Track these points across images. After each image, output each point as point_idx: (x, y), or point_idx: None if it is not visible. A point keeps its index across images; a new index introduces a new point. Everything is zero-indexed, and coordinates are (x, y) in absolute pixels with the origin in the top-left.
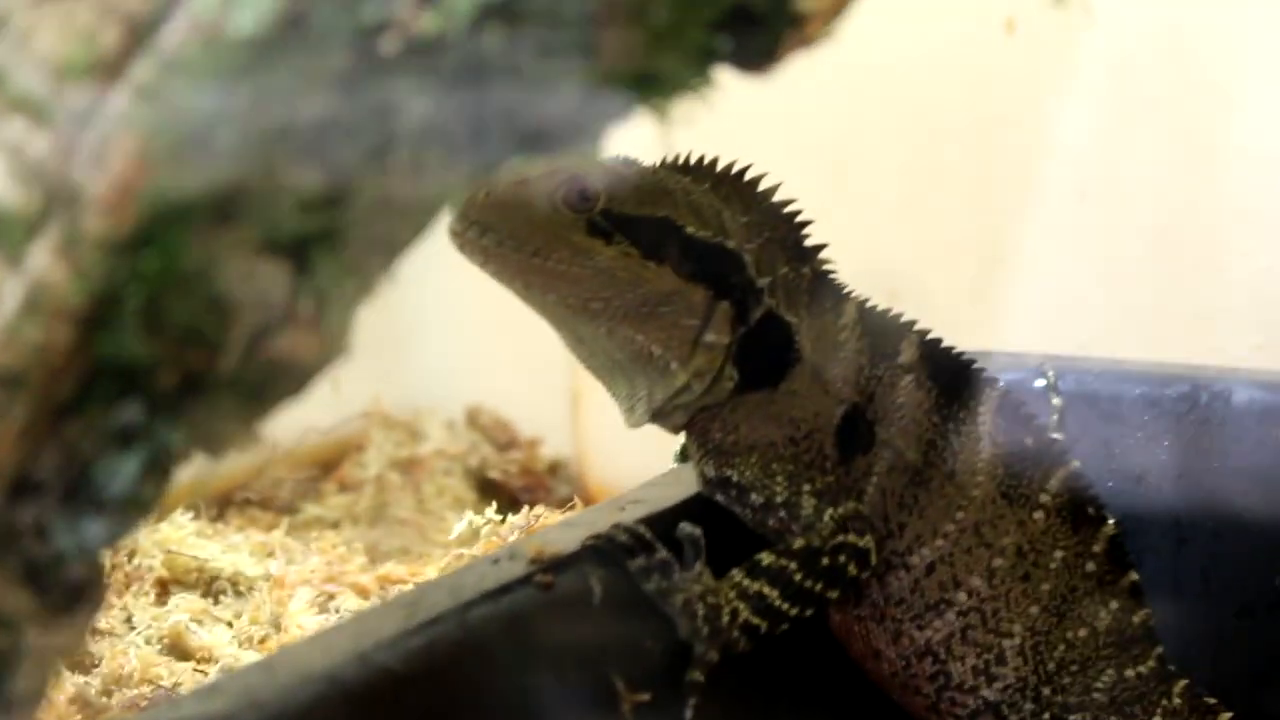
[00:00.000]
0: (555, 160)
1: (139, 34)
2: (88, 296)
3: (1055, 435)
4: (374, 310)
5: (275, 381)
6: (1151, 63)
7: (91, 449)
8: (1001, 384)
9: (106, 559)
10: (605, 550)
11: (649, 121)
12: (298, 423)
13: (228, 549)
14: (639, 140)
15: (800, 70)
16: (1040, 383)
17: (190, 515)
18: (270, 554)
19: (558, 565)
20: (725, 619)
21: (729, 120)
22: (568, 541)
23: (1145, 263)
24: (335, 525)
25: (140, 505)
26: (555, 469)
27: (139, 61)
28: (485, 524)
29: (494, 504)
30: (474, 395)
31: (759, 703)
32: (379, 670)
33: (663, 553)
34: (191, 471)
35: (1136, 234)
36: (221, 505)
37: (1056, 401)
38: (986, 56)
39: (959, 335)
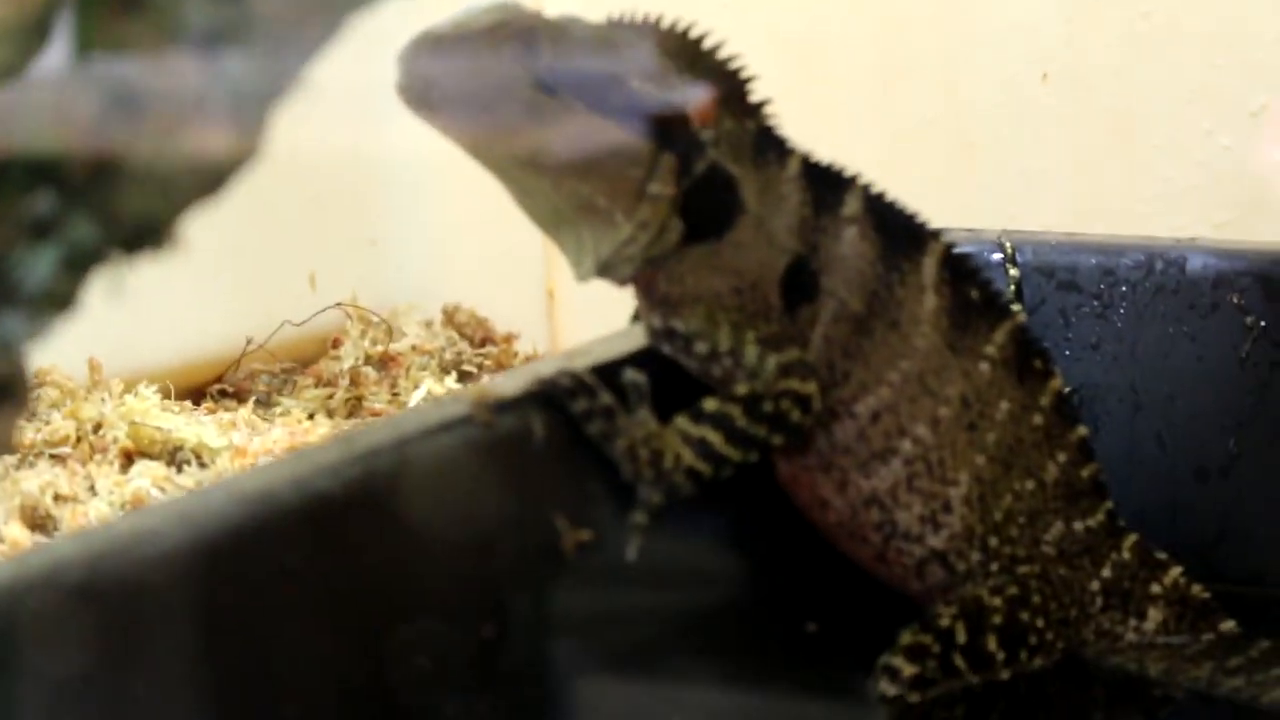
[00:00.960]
0: (496, 13)
1: None
2: None
3: (1014, 306)
4: (349, 209)
5: (188, 175)
6: None
7: (4, 244)
8: (945, 238)
9: (24, 360)
10: (549, 394)
11: None
12: (274, 317)
13: (193, 422)
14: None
15: None
16: (997, 255)
17: (154, 389)
18: (235, 426)
19: (500, 407)
20: (669, 463)
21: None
22: (513, 387)
23: (1109, 143)
24: (310, 417)
25: (57, 300)
26: (532, 361)
27: None
28: (445, 391)
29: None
30: (451, 294)
31: (704, 547)
32: (314, 494)
33: (606, 397)
34: (165, 359)
35: (1099, 115)
36: (196, 396)
37: (1014, 272)
38: None
39: (930, 219)
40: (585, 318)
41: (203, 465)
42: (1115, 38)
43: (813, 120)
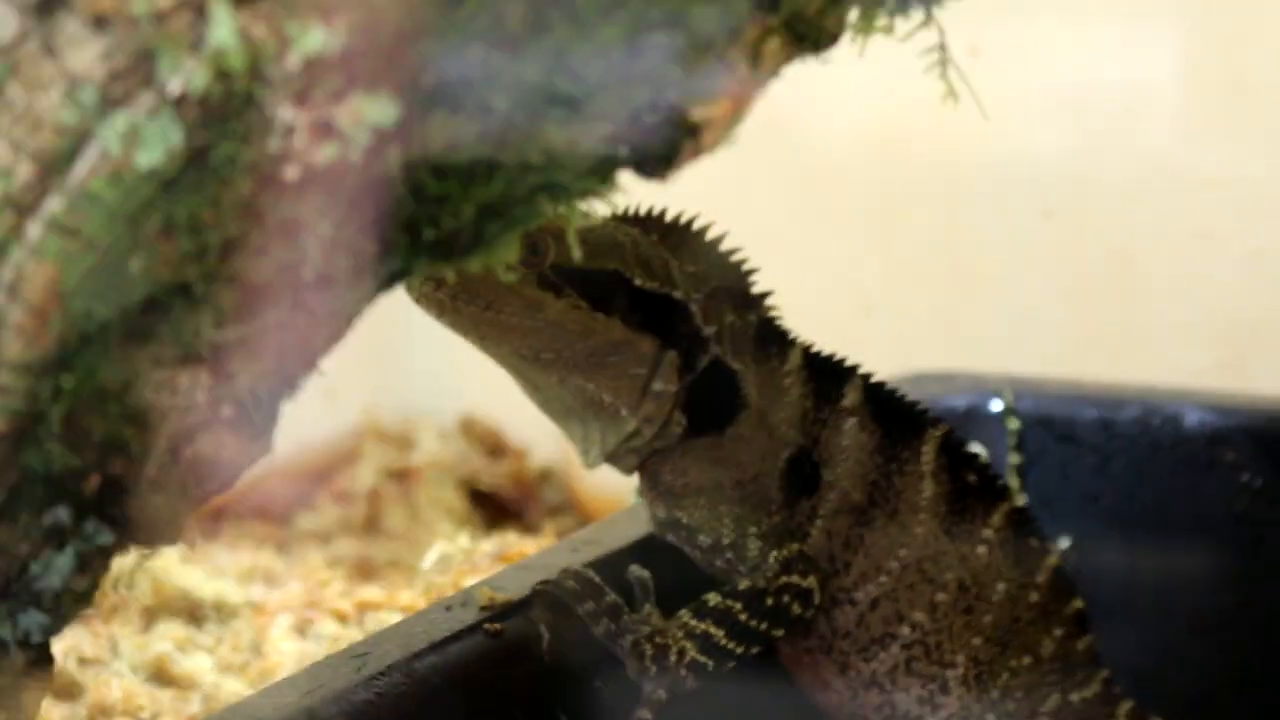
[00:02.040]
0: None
1: (50, 169)
2: (11, 415)
3: (1011, 458)
4: (368, 321)
5: (201, 479)
6: (1112, 83)
7: (27, 550)
8: (944, 424)
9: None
10: (554, 595)
11: None
12: (293, 434)
13: (212, 574)
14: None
15: (776, 96)
16: (997, 406)
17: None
18: (255, 580)
19: (507, 612)
20: (673, 659)
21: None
22: (519, 586)
23: (1109, 281)
24: (328, 538)
25: (76, 597)
26: (546, 476)
27: (51, 196)
28: (456, 551)
29: (482, 517)
30: (467, 404)
31: None
32: None
33: (611, 596)
34: None
35: (1100, 253)
36: (216, 517)
37: (1014, 424)
38: (954, 78)
39: (928, 352)
40: None
41: (221, 620)
42: (1116, 177)
43: (818, 252)
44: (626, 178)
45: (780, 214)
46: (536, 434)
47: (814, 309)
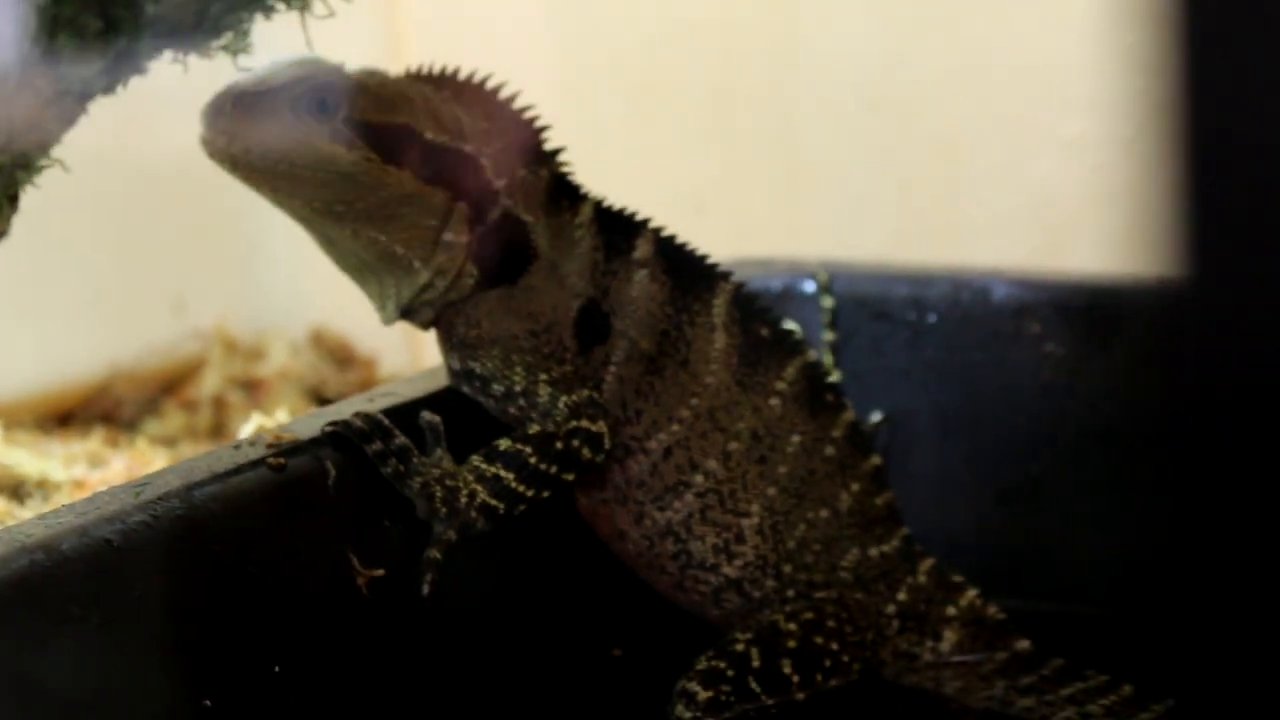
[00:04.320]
0: (298, 66)
1: None
2: None
3: (825, 335)
4: (219, 235)
5: None
6: None
7: None
8: (737, 279)
9: None
10: (344, 435)
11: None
12: (140, 343)
13: (39, 455)
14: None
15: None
16: (811, 285)
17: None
18: (81, 460)
19: (295, 450)
20: (463, 500)
21: (533, 43)
22: (311, 428)
23: (931, 171)
24: (172, 443)
25: None
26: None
27: None
28: (275, 425)
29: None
30: (318, 315)
31: (507, 579)
32: (98, 542)
33: (400, 438)
34: (27, 386)
35: (922, 144)
36: (64, 420)
37: (828, 303)
38: None
39: (760, 246)
40: None
41: (45, 497)
42: (937, 69)
43: (651, 150)
44: None
45: (612, 114)
46: (384, 345)
47: (647, 207)
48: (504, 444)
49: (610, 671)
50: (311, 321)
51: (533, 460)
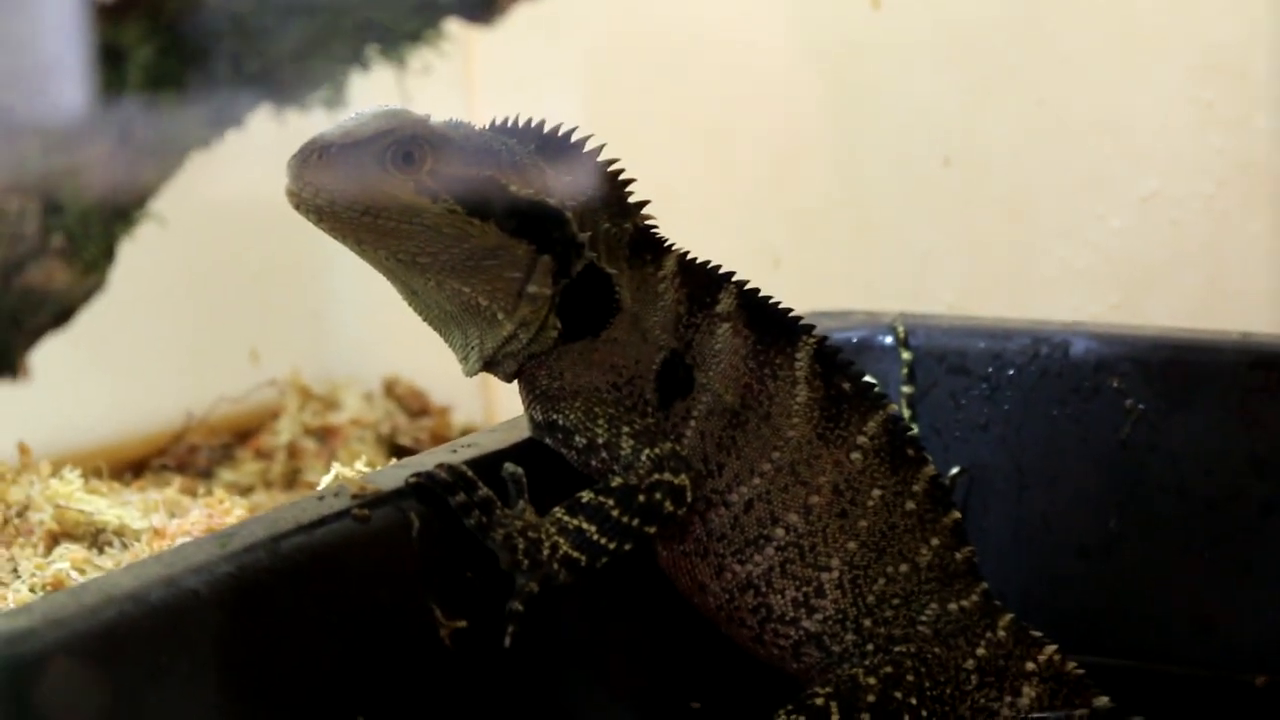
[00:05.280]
0: (383, 118)
1: None
2: None
3: (904, 389)
4: (296, 287)
5: (34, 309)
6: (1008, 35)
7: None
8: (819, 332)
9: None
10: (427, 487)
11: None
12: (217, 393)
13: (117, 504)
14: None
15: (679, 53)
16: (889, 338)
17: (77, 472)
18: (159, 508)
19: (379, 501)
20: (545, 552)
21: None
22: (394, 479)
23: (1006, 227)
24: (247, 490)
25: None
26: (467, 433)
27: None
28: (355, 474)
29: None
30: (391, 367)
31: (581, 633)
32: (185, 593)
33: (483, 490)
34: (102, 437)
35: (997, 200)
36: (138, 469)
37: (906, 355)
38: (855, 31)
39: (835, 299)
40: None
41: (124, 545)
42: (1012, 126)
43: (723, 202)
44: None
45: (686, 171)
46: (458, 394)
47: (725, 261)
48: (586, 496)
49: None
50: (384, 371)
51: (615, 513)
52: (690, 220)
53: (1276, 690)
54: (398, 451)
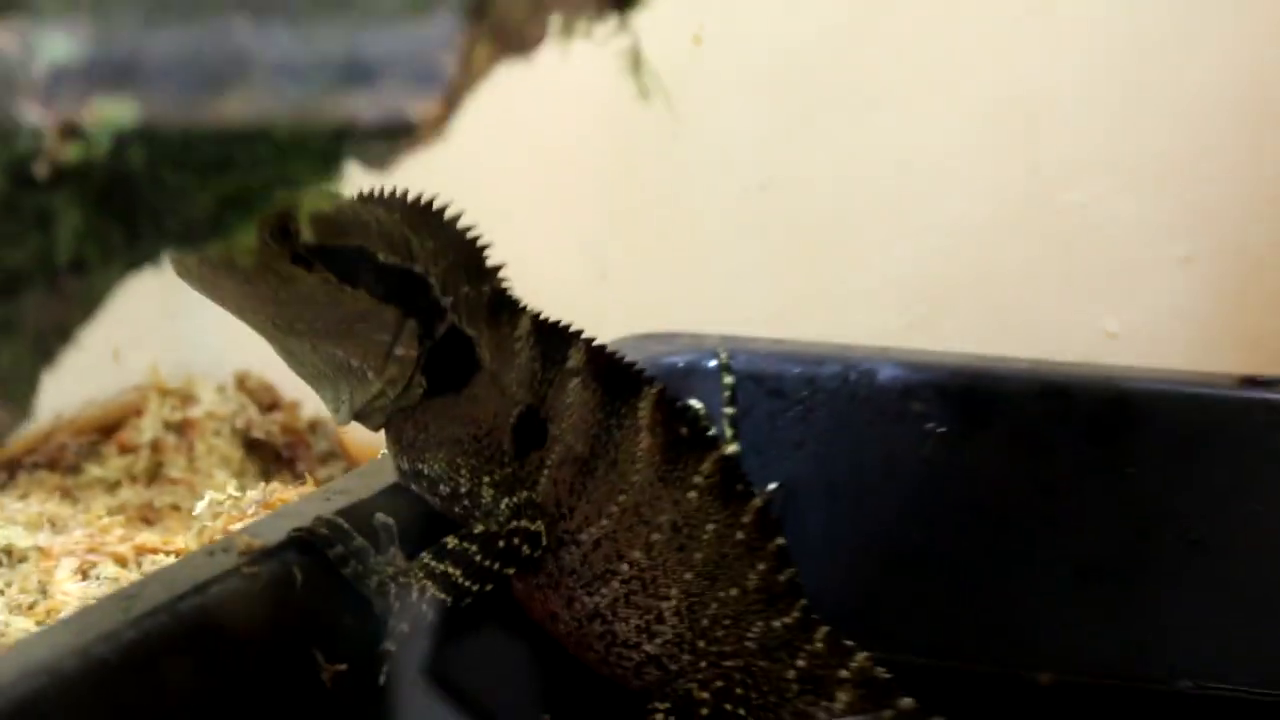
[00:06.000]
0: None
1: None
2: None
3: (725, 411)
4: (150, 289)
5: None
6: (819, 71)
7: None
8: (659, 382)
9: None
10: (307, 540)
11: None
12: (81, 393)
13: (2, 522)
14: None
15: (513, 82)
16: (713, 363)
17: None
18: (42, 526)
19: (264, 555)
20: (415, 595)
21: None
22: (276, 533)
23: (815, 249)
24: (115, 485)
25: None
26: (314, 427)
27: None
28: (225, 499)
29: (256, 465)
30: (242, 362)
31: (445, 663)
32: (96, 662)
33: (359, 540)
34: None
35: (810, 223)
36: (12, 468)
37: (728, 380)
38: (678, 64)
39: (660, 312)
40: None
41: (11, 565)
42: (816, 157)
43: (553, 222)
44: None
45: (520, 192)
46: (307, 389)
47: (554, 277)
48: (451, 542)
49: None
50: (236, 366)
51: (478, 558)
52: (523, 239)
53: (1059, 687)
54: (251, 445)
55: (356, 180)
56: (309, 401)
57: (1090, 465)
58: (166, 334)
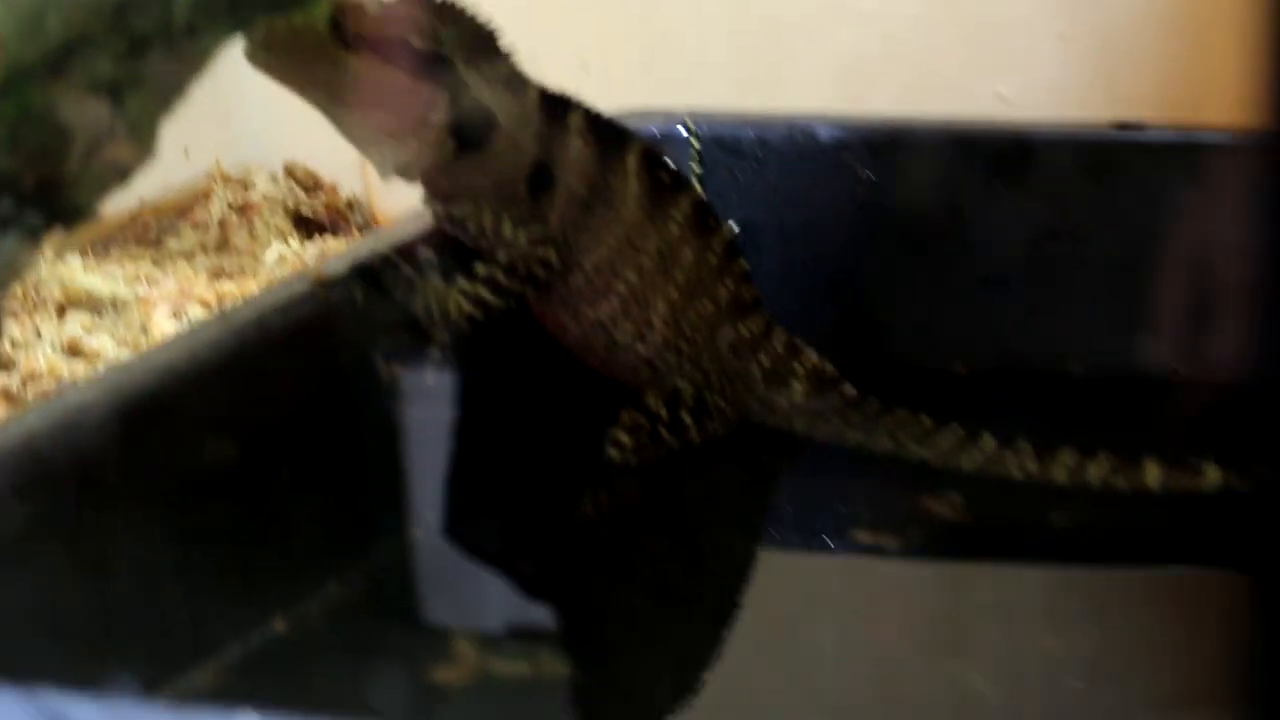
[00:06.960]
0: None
1: None
2: None
3: (694, 168)
4: (214, 92)
5: (107, 177)
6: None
7: None
8: (644, 139)
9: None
10: (365, 270)
11: None
12: (160, 180)
13: (107, 279)
14: None
15: None
16: (683, 131)
17: (78, 255)
18: (139, 280)
19: (331, 285)
20: (453, 311)
21: None
22: (337, 268)
23: (762, 31)
24: (190, 255)
25: (15, 268)
26: (351, 205)
27: None
28: (290, 253)
29: (304, 235)
30: (289, 154)
31: (481, 368)
32: (204, 364)
33: (407, 270)
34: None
35: (755, 13)
36: (107, 243)
37: (695, 144)
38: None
39: (634, 97)
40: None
41: (117, 311)
42: None
43: (541, 17)
44: None
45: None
46: (342, 175)
47: (542, 69)
48: (481, 269)
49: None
50: (285, 157)
51: (502, 280)
52: (511, 34)
53: (972, 375)
54: (299, 220)
55: None
56: (346, 183)
57: (994, 198)
58: (226, 134)
